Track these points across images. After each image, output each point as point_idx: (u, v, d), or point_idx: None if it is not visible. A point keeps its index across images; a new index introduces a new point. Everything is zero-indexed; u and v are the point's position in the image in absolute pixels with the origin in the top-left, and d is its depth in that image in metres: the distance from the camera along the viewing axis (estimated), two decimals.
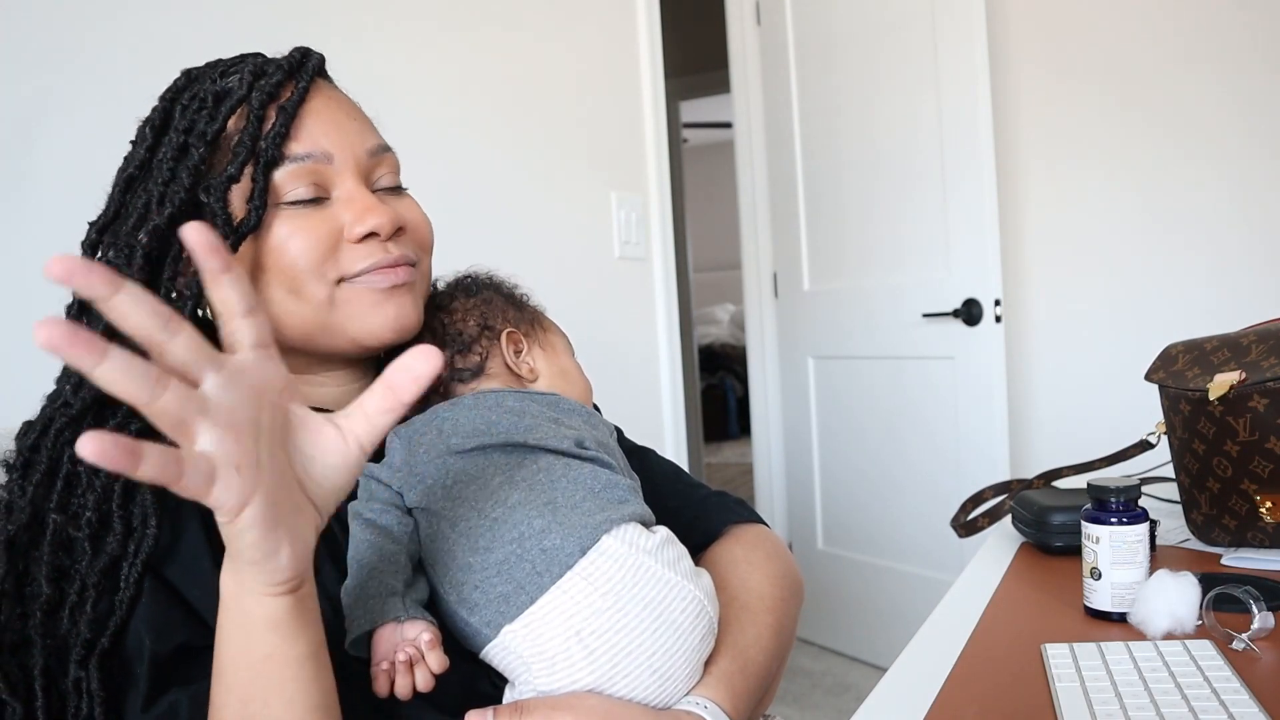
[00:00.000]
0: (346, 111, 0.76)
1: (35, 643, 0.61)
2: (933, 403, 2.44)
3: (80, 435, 0.38)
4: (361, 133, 0.75)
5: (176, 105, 0.72)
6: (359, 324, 0.73)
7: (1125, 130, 2.33)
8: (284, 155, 0.70)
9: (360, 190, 0.73)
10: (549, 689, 0.60)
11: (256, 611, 0.52)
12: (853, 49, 2.54)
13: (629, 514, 0.65)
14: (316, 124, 0.72)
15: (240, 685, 0.54)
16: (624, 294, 2.09)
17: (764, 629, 0.73)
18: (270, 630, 0.53)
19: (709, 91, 4.39)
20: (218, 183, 0.68)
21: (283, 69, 0.73)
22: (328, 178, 0.72)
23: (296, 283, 0.71)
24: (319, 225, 0.71)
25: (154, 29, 1.16)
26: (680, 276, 4.14)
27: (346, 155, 0.73)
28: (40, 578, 0.62)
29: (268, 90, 0.71)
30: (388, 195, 0.76)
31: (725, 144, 4.37)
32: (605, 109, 2.05)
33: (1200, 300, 2.26)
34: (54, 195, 1.03)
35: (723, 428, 6.53)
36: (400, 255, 0.73)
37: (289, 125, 0.70)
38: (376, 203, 0.73)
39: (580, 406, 0.76)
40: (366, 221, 0.71)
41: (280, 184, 0.70)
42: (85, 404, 0.65)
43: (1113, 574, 0.79)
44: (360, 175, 0.74)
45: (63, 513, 0.64)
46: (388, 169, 0.77)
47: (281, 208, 0.71)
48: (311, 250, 0.70)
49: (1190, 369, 0.98)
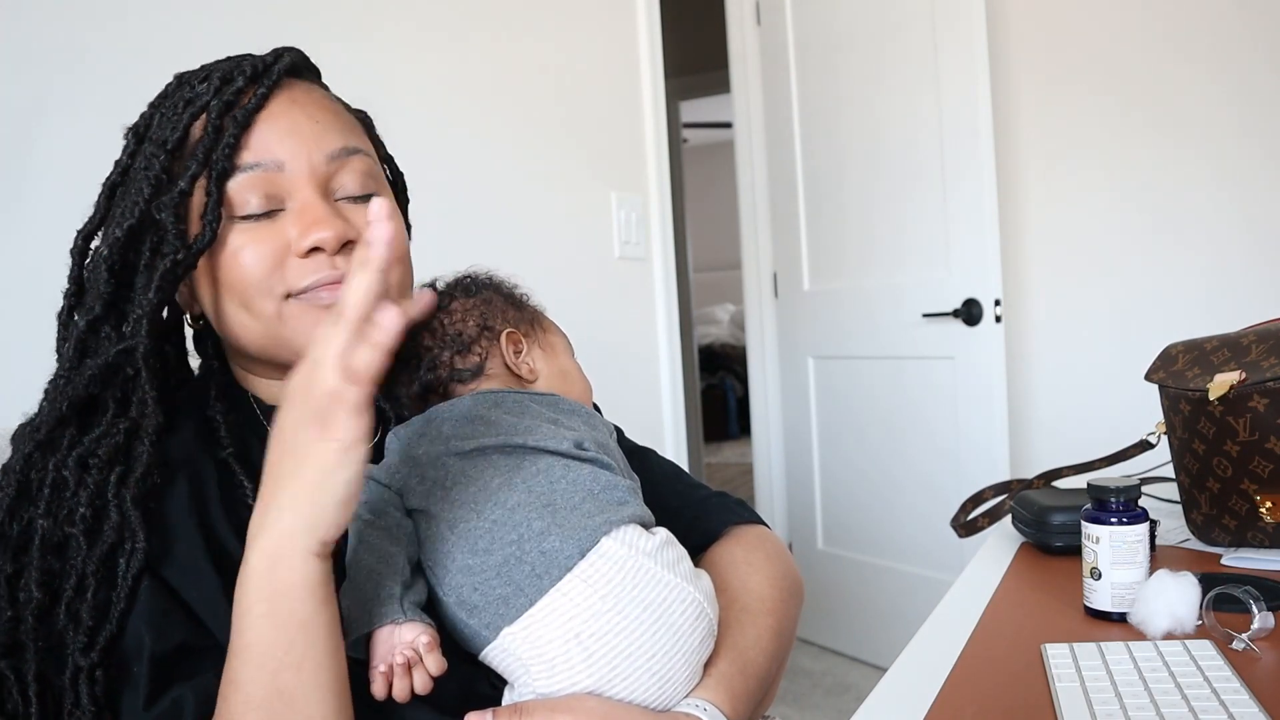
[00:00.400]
0: (308, 113, 0.72)
1: (28, 647, 0.61)
2: (933, 403, 2.44)
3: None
4: (321, 135, 0.71)
5: (158, 112, 0.71)
6: (305, 341, 0.70)
7: (1125, 130, 2.33)
8: (235, 166, 0.68)
9: (313, 200, 0.69)
10: (548, 691, 0.60)
11: (294, 578, 0.54)
12: (853, 49, 2.54)
13: (628, 516, 0.65)
14: (270, 130, 0.69)
15: (271, 658, 0.54)
16: (624, 294, 2.09)
17: (764, 631, 0.73)
18: (309, 595, 0.54)
19: (709, 91, 4.39)
20: (169, 199, 0.67)
21: (245, 74, 0.70)
22: (281, 187, 0.69)
23: (246, 297, 0.69)
24: (267, 239, 0.69)
25: (155, 29, 1.16)
26: (680, 276, 4.14)
27: (300, 162, 0.70)
28: (30, 583, 0.61)
29: (227, 98, 0.68)
30: (351, 204, 0.72)
31: (725, 144, 4.36)
32: (605, 109, 2.05)
33: (1200, 300, 2.26)
34: (54, 196, 1.03)
35: (723, 428, 6.53)
36: (349, 271, 0.71)
37: (239, 135, 0.68)
38: (326, 214, 0.69)
39: (580, 407, 0.76)
40: (310, 235, 0.68)
41: (234, 197, 0.68)
42: (52, 427, 0.65)
43: (1113, 574, 0.78)
44: (317, 183, 0.70)
45: (50, 517, 0.63)
46: (353, 173, 0.73)
47: (236, 221, 0.69)
48: (258, 265, 0.68)
49: (1190, 369, 0.98)
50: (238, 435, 0.72)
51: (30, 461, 0.65)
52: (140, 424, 0.66)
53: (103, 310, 0.68)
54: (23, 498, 0.64)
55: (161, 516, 0.65)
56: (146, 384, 0.67)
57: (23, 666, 0.61)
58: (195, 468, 0.68)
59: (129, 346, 0.66)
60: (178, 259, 0.67)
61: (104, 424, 0.66)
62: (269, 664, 0.54)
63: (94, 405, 0.67)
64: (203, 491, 0.67)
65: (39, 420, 0.66)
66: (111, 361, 0.66)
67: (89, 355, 0.67)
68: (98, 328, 0.68)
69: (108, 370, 0.66)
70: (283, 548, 0.54)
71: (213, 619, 0.62)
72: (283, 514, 0.54)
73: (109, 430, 0.65)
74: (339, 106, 0.77)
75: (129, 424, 0.66)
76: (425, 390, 0.77)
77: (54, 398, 0.66)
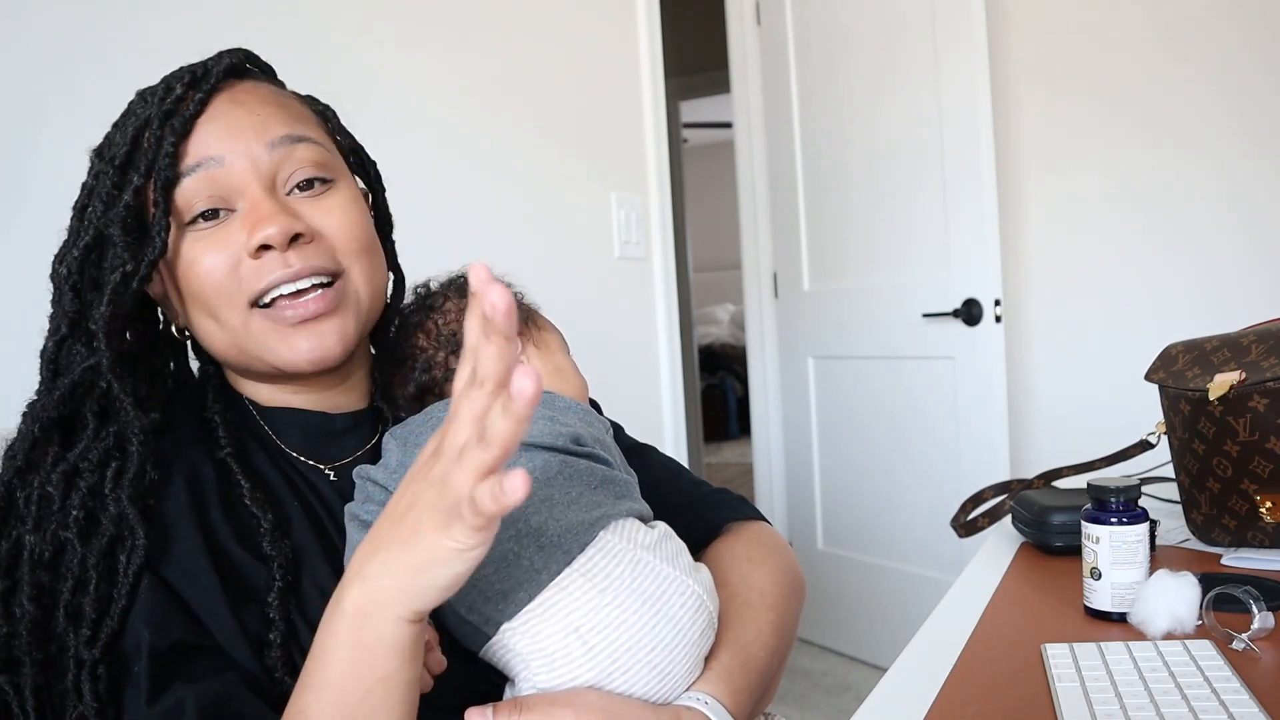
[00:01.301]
0: (248, 109, 0.70)
1: (23, 662, 0.60)
2: (933, 403, 2.44)
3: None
4: (260, 127, 0.69)
5: (119, 130, 0.71)
6: (273, 355, 0.70)
7: (1124, 132, 2.33)
8: (179, 173, 0.67)
9: (259, 197, 0.68)
10: (548, 686, 0.60)
11: (387, 634, 0.53)
12: (853, 48, 2.54)
13: (626, 510, 0.65)
14: (209, 131, 0.68)
15: (347, 704, 0.54)
16: (624, 294, 2.09)
17: (765, 625, 0.73)
18: (395, 653, 0.53)
19: (709, 91, 4.39)
20: (115, 212, 0.66)
21: (184, 81, 0.69)
22: (226, 184, 0.68)
23: (211, 307, 0.69)
24: (220, 243, 0.68)
25: (155, 30, 1.15)
26: (680, 276, 4.14)
27: (239, 156, 0.68)
28: (23, 598, 0.61)
29: (167, 106, 0.68)
30: (303, 196, 0.71)
31: (725, 144, 4.37)
32: (605, 109, 2.05)
33: (1200, 300, 2.26)
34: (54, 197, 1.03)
35: (723, 428, 6.53)
36: (304, 267, 0.68)
37: (178, 141, 0.67)
38: (272, 210, 0.67)
39: (576, 404, 0.76)
40: (258, 233, 0.66)
41: (182, 204, 0.67)
42: (27, 450, 0.65)
43: (1113, 574, 0.78)
44: (261, 177, 0.69)
45: (38, 532, 0.63)
46: (301, 162, 0.70)
47: (187, 229, 0.68)
48: (215, 271, 0.68)
49: (1190, 369, 0.98)
50: (235, 436, 0.72)
51: (12, 485, 0.64)
52: (125, 428, 0.66)
53: (69, 329, 0.67)
54: (9, 516, 0.64)
55: (160, 515, 0.65)
56: (120, 393, 0.66)
57: (20, 681, 0.60)
58: (194, 468, 0.68)
59: (94, 363, 0.66)
60: (127, 270, 0.66)
61: (86, 439, 0.65)
62: (342, 708, 0.54)
63: (75, 423, 0.67)
64: (201, 491, 0.67)
65: (15, 446, 0.66)
66: (79, 379, 0.66)
67: (61, 374, 0.67)
68: (65, 346, 0.68)
69: (76, 388, 0.66)
70: (377, 605, 0.53)
71: (211, 618, 0.62)
72: (387, 575, 0.52)
73: (94, 441, 0.65)
74: (287, 99, 0.75)
75: (112, 435, 0.66)
76: (421, 391, 0.77)
77: (29, 420, 0.66)
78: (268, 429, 0.75)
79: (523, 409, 0.43)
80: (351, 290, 0.73)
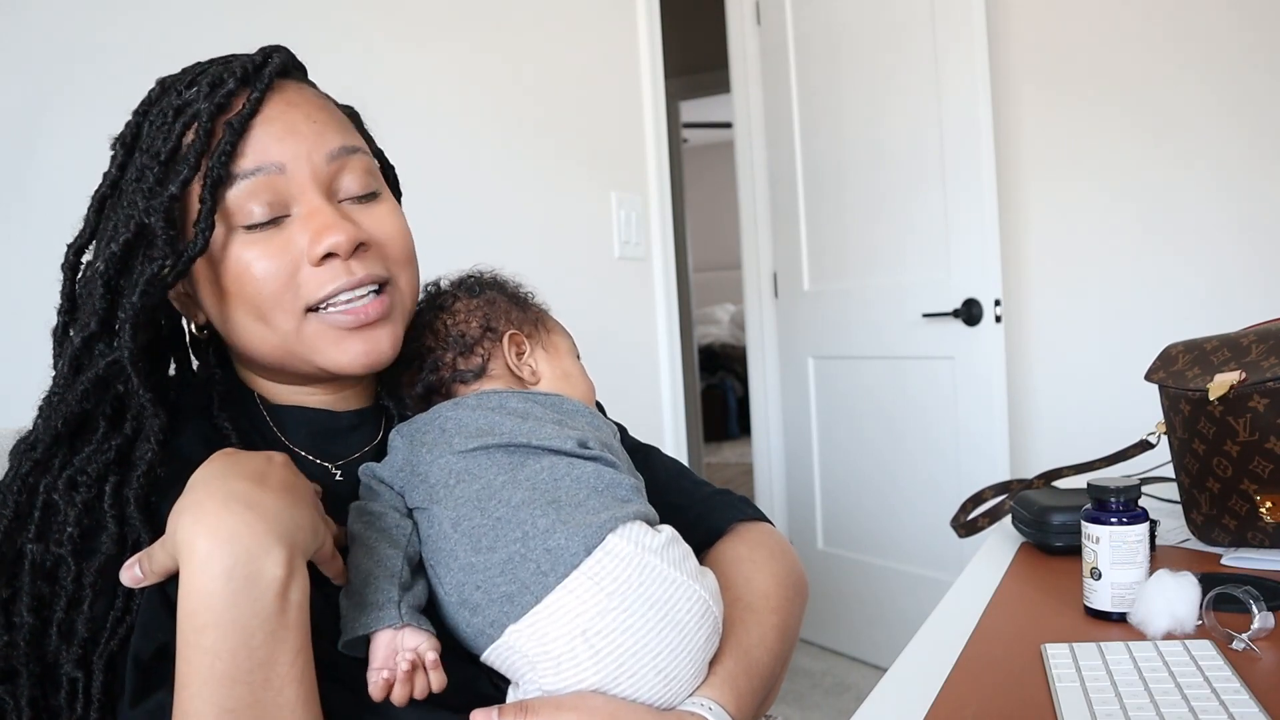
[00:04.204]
0: (304, 113, 0.70)
1: (21, 673, 0.60)
2: (933, 403, 2.44)
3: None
4: (319, 135, 0.70)
5: (146, 120, 0.70)
6: (325, 358, 0.70)
7: (1125, 132, 2.33)
8: (232, 173, 0.66)
9: (319, 204, 0.68)
10: (554, 688, 0.61)
11: None
12: (853, 48, 2.54)
13: (633, 513, 0.65)
14: (267, 134, 0.68)
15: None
16: (624, 294, 2.09)
17: (768, 629, 0.73)
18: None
19: (709, 91, 4.38)
20: (159, 202, 0.65)
21: (236, 76, 0.68)
22: (285, 191, 0.68)
23: (262, 311, 0.68)
24: (279, 250, 0.67)
25: (154, 29, 1.16)
26: (680, 276, 4.14)
27: (301, 163, 0.68)
28: (23, 608, 0.61)
29: (218, 102, 0.67)
30: (356, 205, 0.72)
31: (725, 144, 4.37)
32: (605, 109, 2.05)
33: (1200, 301, 2.26)
34: (54, 197, 1.03)
35: (723, 428, 6.53)
36: (366, 275, 0.69)
37: (236, 141, 0.66)
38: (335, 218, 0.68)
39: (583, 407, 0.76)
40: (323, 241, 0.67)
41: (235, 206, 0.67)
42: (48, 444, 0.64)
43: (1113, 574, 0.79)
44: (320, 184, 0.69)
45: (40, 542, 0.62)
46: (354, 173, 0.71)
47: (240, 231, 0.67)
48: (273, 279, 0.67)
49: (1190, 369, 0.98)
50: (245, 439, 0.71)
51: (25, 484, 0.64)
52: (141, 428, 0.65)
53: (98, 326, 0.65)
54: (18, 520, 0.63)
55: (163, 516, 0.65)
56: (140, 388, 0.65)
57: (18, 691, 0.60)
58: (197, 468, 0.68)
59: (115, 357, 0.65)
60: (165, 264, 0.65)
61: (94, 443, 0.65)
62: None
63: (86, 424, 0.66)
64: None
65: (34, 438, 0.65)
66: (102, 374, 0.65)
67: (83, 370, 0.66)
68: (92, 344, 0.66)
69: (99, 383, 0.65)
70: None
71: None
72: None
73: (99, 448, 0.64)
74: (331, 104, 0.75)
75: (123, 438, 0.65)
76: (428, 391, 0.77)
77: (49, 415, 0.65)
78: (274, 427, 0.75)
79: None
80: (399, 297, 0.74)
